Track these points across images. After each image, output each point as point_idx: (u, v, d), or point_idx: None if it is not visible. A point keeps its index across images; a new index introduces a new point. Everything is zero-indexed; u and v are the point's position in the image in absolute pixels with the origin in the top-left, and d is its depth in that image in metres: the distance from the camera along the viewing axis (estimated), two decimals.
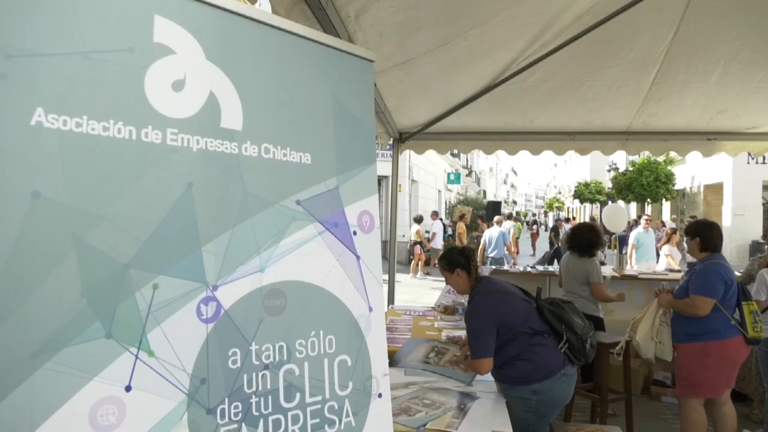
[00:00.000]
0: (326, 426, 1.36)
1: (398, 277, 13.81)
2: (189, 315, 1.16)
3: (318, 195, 1.45)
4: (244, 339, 1.24)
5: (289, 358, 1.32)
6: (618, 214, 8.78)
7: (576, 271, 4.67)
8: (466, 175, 35.21)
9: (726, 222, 19.26)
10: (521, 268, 7.06)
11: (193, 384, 1.14)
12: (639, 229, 10.35)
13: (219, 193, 1.24)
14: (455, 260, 2.89)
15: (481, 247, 11.41)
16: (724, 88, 4.51)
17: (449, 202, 28.49)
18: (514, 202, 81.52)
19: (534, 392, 2.62)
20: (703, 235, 3.68)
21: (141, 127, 1.14)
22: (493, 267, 7.73)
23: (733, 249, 17.18)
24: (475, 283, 2.87)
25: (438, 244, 13.90)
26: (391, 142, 5.97)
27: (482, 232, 12.78)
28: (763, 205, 18.29)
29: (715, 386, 3.54)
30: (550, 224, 32.77)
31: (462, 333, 3.86)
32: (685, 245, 3.93)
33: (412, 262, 14.06)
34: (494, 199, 42.12)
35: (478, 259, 10.65)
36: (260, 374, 1.25)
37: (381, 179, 16.26)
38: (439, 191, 27.99)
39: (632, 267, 8.83)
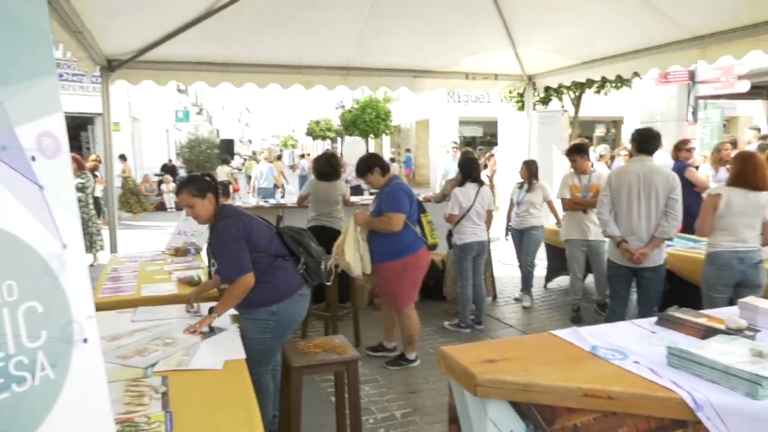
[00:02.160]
0: (14, 385, 1.15)
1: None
2: None
3: None
4: None
5: None
6: (356, 147, 9.59)
7: (328, 194, 5.20)
8: (197, 113, 33.32)
9: (432, 154, 22.32)
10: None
11: None
12: (448, 158, 10.51)
13: None
14: (207, 185, 2.79)
15: (253, 179, 12.98)
16: (426, 25, 5.03)
17: (179, 142, 26.72)
18: (250, 141, 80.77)
19: (273, 313, 2.75)
20: (378, 163, 4.12)
21: None
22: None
23: (437, 177, 20.11)
24: (219, 210, 2.83)
25: (98, 192, 10.80)
26: (98, 72, 5.20)
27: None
28: (459, 138, 21.67)
29: (414, 293, 4.14)
30: (287, 162, 33.39)
31: (194, 273, 3.72)
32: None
33: None
34: (228, 138, 41.02)
35: (251, 190, 12.93)
36: None
37: (94, 117, 14.26)
38: (167, 131, 26.01)
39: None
